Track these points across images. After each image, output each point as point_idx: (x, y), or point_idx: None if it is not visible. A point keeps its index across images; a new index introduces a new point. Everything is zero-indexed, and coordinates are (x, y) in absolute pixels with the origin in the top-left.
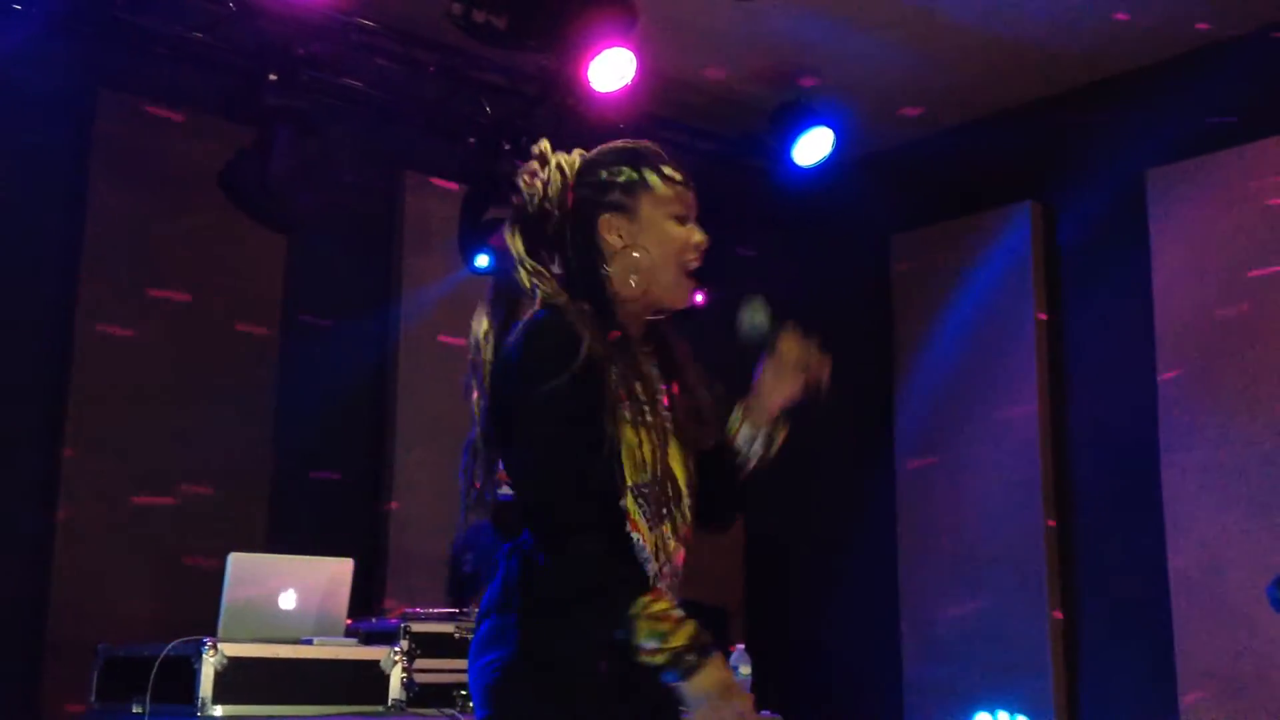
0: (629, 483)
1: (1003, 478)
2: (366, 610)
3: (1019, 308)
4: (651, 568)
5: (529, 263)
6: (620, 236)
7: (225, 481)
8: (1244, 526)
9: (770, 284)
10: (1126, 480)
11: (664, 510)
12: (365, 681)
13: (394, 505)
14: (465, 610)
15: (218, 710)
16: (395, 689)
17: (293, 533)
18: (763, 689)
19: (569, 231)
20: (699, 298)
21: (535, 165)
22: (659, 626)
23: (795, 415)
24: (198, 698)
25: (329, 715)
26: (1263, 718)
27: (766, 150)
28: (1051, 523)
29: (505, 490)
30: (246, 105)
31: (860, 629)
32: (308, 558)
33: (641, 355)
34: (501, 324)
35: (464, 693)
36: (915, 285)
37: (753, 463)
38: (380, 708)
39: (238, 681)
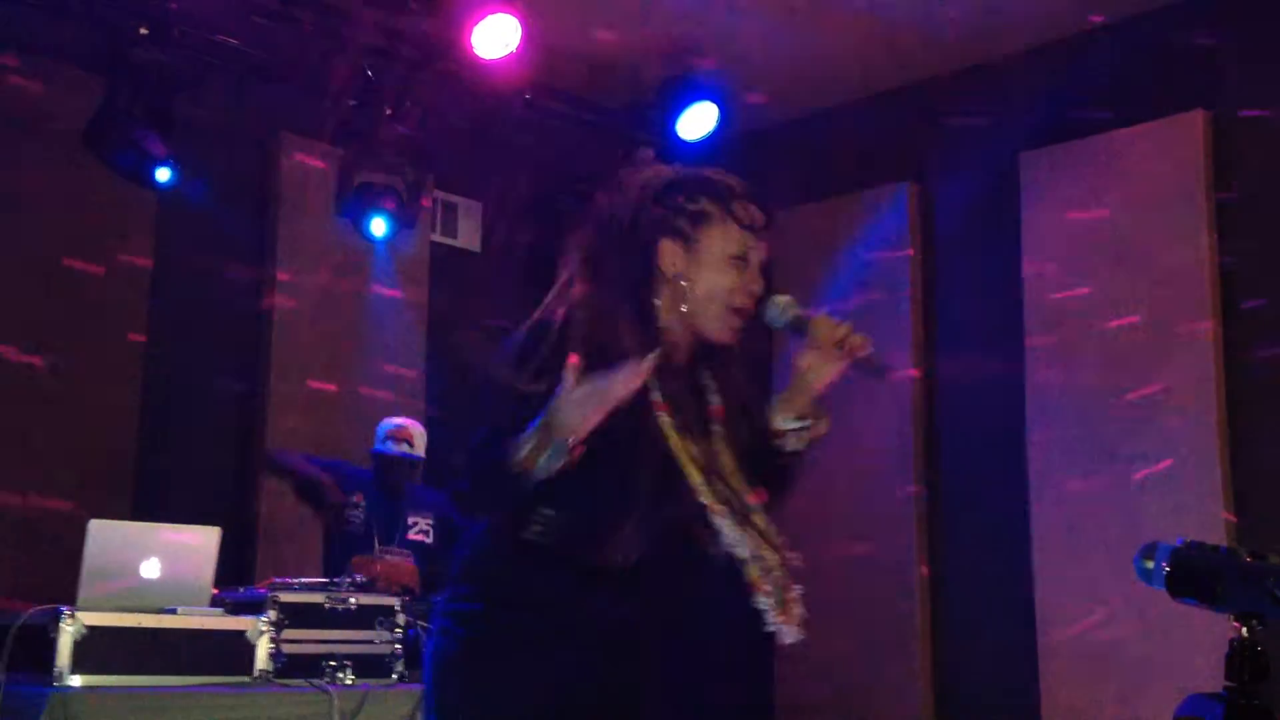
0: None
1: (876, 446)
2: (239, 582)
3: (895, 285)
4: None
5: (589, 271)
6: (675, 265)
7: (89, 443)
8: (1104, 498)
9: None
10: (993, 448)
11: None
12: (231, 652)
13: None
14: (335, 580)
15: (76, 680)
16: (262, 659)
17: (160, 501)
18: None
19: (624, 241)
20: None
21: (631, 171)
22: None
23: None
24: (55, 667)
25: (193, 685)
26: (1115, 674)
27: (651, 123)
28: (921, 489)
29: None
30: (117, 59)
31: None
32: (171, 525)
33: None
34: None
35: (333, 663)
36: (795, 261)
37: (793, 447)
38: (246, 678)
39: (97, 651)
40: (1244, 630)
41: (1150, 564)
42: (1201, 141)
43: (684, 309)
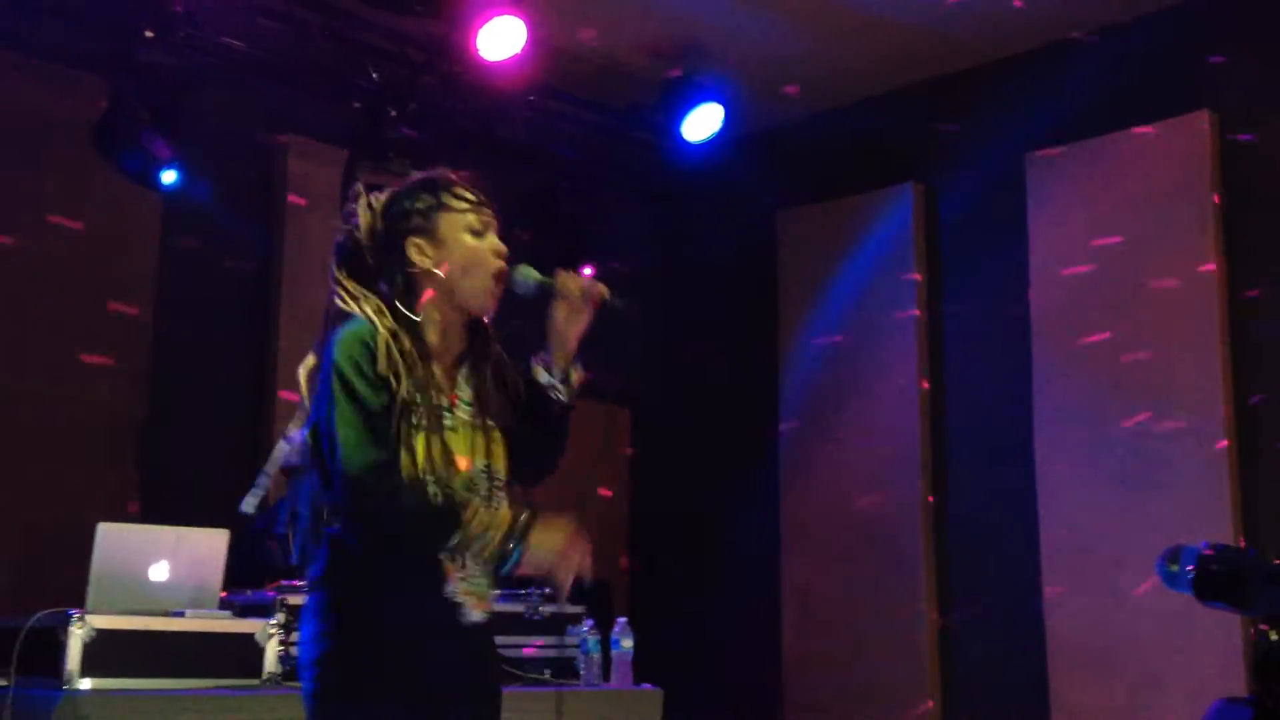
0: (422, 477)
1: (882, 452)
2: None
3: (900, 286)
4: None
5: (348, 284)
6: (426, 255)
7: (97, 448)
8: (1112, 501)
9: (657, 258)
10: (1001, 455)
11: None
12: (239, 655)
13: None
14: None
15: (86, 683)
16: (271, 662)
17: (168, 504)
18: (645, 662)
19: (383, 258)
20: (587, 271)
21: (352, 205)
22: (483, 522)
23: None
24: (64, 670)
25: (202, 689)
26: (1125, 687)
27: (655, 124)
28: (930, 498)
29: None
30: (123, 62)
31: (741, 602)
32: (180, 528)
33: (442, 364)
34: (320, 346)
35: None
36: (800, 263)
37: (559, 401)
38: (255, 681)
39: (106, 654)
40: (1272, 634)
41: (1175, 568)
42: (1208, 142)
43: (445, 292)
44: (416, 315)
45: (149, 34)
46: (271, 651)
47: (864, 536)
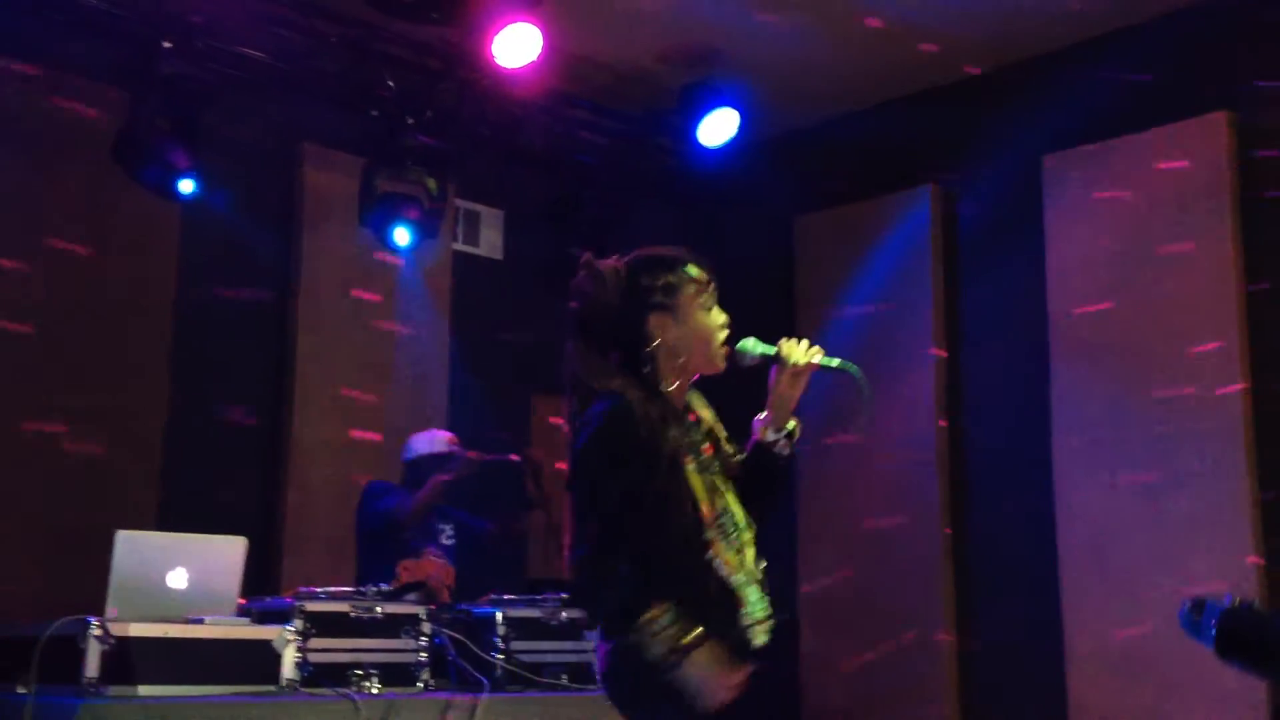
0: (706, 516)
1: (900, 457)
2: (265, 593)
3: (918, 290)
4: (731, 578)
5: (592, 360)
6: (669, 330)
7: (116, 456)
8: (1130, 507)
9: None
10: (1019, 458)
11: (732, 534)
12: (257, 661)
13: (292, 485)
14: (362, 590)
15: (106, 690)
16: (289, 668)
17: (186, 511)
18: None
19: (620, 328)
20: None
21: (584, 275)
22: (653, 629)
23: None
24: (84, 677)
25: (220, 695)
26: (1148, 691)
27: (672, 130)
28: (948, 508)
29: None
30: (142, 72)
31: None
32: (198, 536)
33: (687, 418)
34: (573, 414)
35: (359, 672)
36: (817, 267)
37: (784, 456)
38: (273, 687)
39: (126, 661)
40: None
41: (1198, 618)
42: (1225, 143)
43: (682, 361)
44: (661, 385)
45: (168, 45)
46: (289, 658)
47: (880, 547)
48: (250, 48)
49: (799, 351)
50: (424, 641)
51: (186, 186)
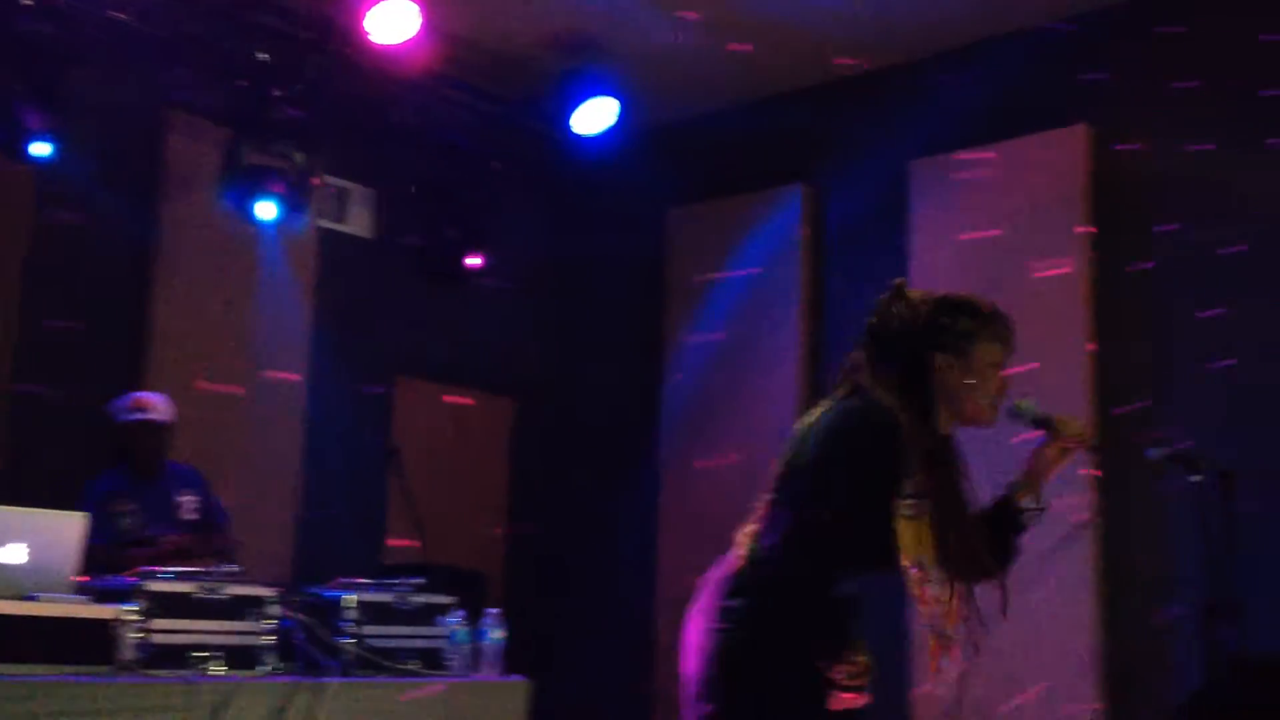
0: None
1: (762, 451)
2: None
3: (786, 286)
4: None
5: (875, 370)
6: (949, 374)
7: None
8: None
9: (548, 250)
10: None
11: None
12: (95, 641)
13: None
14: (207, 571)
15: None
16: (128, 649)
17: (31, 486)
18: (516, 654)
19: (899, 350)
20: (475, 261)
21: (893, 294)
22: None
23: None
24: None
25: (56, 674)
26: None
27: (549, 116)
28: None
29: None
30: (0, 31)
31: (617, 596)
32: (37, 510)
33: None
34: (832, 404)
35: (202, 654)
36: (688, 259)
37: (1028, 523)
38: (111, 668)
39: None
40: None
41: None
42: (1083, 155)
43: (954, 407)
44: (930, 419)
45: (27, 1)
46: (128, 638)
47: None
48: (115, 9)
49: (1076, 427)
50: (270, 624)
51: (41, 149)
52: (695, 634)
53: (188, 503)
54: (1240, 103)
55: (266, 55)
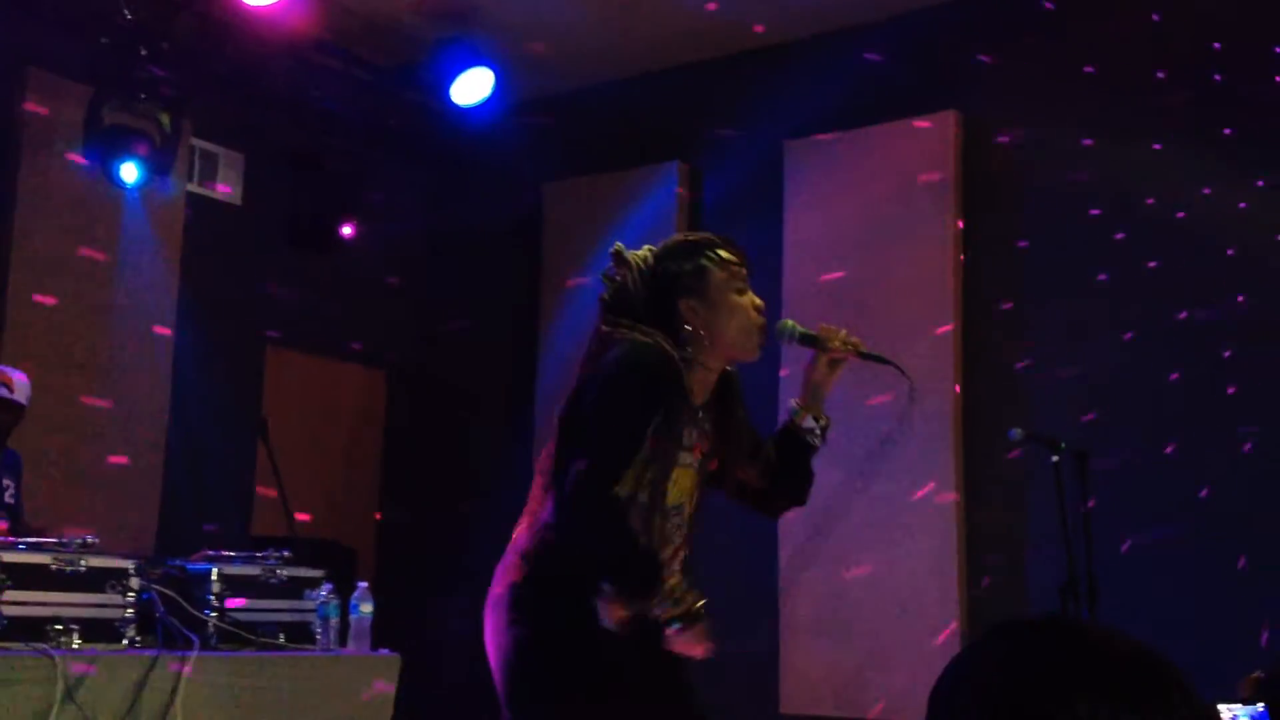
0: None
1: None
2: None
3: None
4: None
5: (625, 324)
6: (696, 313)
7: None
8: (847, 483)
9: (422, 221)
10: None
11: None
12: None
13: None
14: (63, 540)
15: None
16: None
17: None
18: (387, 629)
19: (653, 313)
20: (348, 230)
21: (614, 264)
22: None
23: None
24: None
25: None
26: (854, 658)
27: (425, 85)
28: None
29: None
30: None
31: (490, 573)
32: None
33: (697, 406)
34: (588, 355)
35: (59, 627)
36: (564, 235)
37: (814, 445)
38: None
39: None
40: None
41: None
42: (953, 141)
43: (715, 344)
44: (696, 366)
45: None
46: None
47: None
48: None
49: (839, 338)
50: (131, 597)
51: None
52: (489, 617)
53: (8, 488)
54: (1112, 91)
55: (129, 12)
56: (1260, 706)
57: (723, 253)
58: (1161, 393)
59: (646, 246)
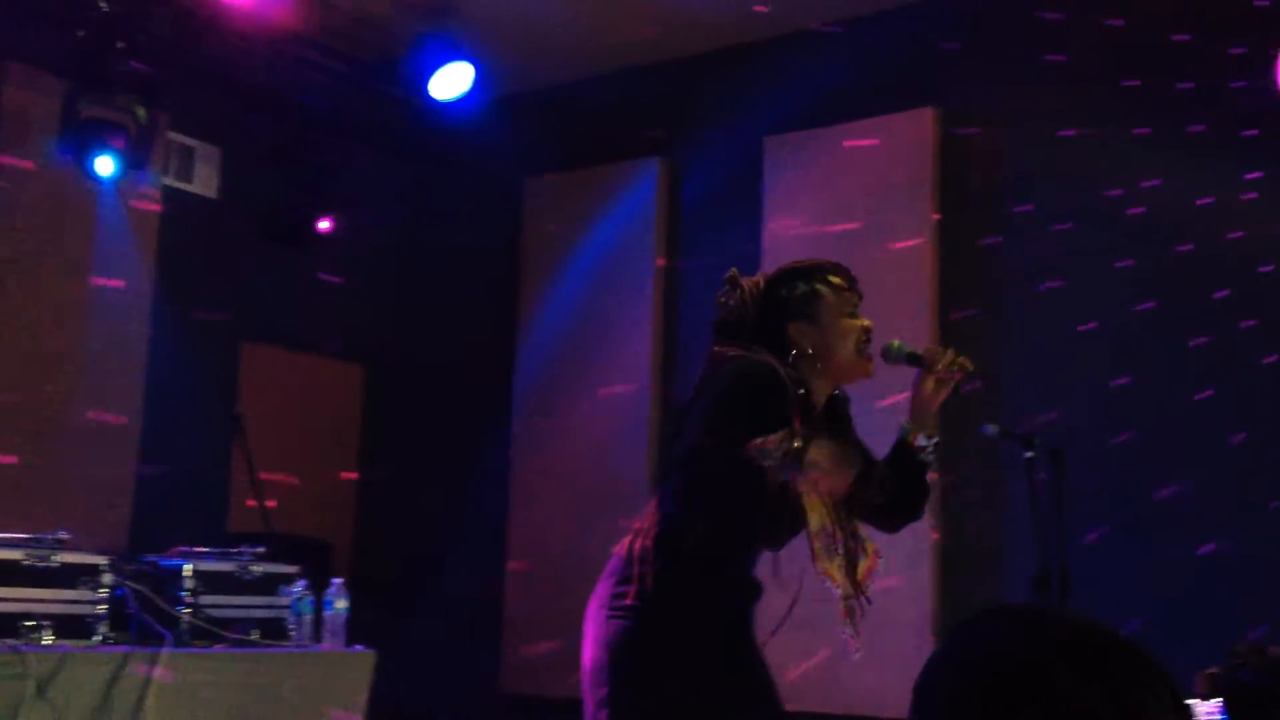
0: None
1: (614, 421)
2: None
3: (641, 260)
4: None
5: (736, 343)
6: (806, 336)
7: None
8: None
9: (402, 216)
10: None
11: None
12: None
13: None
14: (37, 537)
15: None
16: None
17: None
18: (364, 624)
19: (763, 337)
20: (325, 225)
21: (727, 288)
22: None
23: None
24: None
25: None
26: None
27: (404, 80)
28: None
29: None
30: None
31: (466, 565)
32: None
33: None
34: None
35: (30, 623)
36: (543, 231)
37: (925, 461)
38: None
39: None
40: None
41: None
42: (930, 137)
43: (825, 367)
44: (800, 386)
45: None
46: None
47: (592, 505)
48: None
49: (946, 359)
50: (103, 593)
51: None
52: (591, 623)
53: None
54: (1088, 85)
55: (106, 5)
56: (1217, 702)
57: (833, 278)
58: (1136, 387)
59: (761, 272)
